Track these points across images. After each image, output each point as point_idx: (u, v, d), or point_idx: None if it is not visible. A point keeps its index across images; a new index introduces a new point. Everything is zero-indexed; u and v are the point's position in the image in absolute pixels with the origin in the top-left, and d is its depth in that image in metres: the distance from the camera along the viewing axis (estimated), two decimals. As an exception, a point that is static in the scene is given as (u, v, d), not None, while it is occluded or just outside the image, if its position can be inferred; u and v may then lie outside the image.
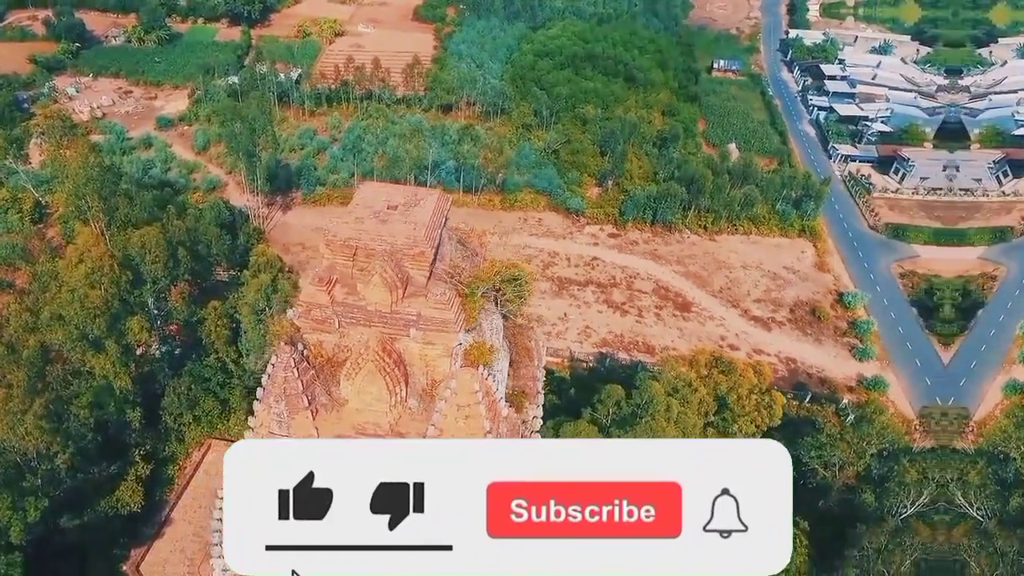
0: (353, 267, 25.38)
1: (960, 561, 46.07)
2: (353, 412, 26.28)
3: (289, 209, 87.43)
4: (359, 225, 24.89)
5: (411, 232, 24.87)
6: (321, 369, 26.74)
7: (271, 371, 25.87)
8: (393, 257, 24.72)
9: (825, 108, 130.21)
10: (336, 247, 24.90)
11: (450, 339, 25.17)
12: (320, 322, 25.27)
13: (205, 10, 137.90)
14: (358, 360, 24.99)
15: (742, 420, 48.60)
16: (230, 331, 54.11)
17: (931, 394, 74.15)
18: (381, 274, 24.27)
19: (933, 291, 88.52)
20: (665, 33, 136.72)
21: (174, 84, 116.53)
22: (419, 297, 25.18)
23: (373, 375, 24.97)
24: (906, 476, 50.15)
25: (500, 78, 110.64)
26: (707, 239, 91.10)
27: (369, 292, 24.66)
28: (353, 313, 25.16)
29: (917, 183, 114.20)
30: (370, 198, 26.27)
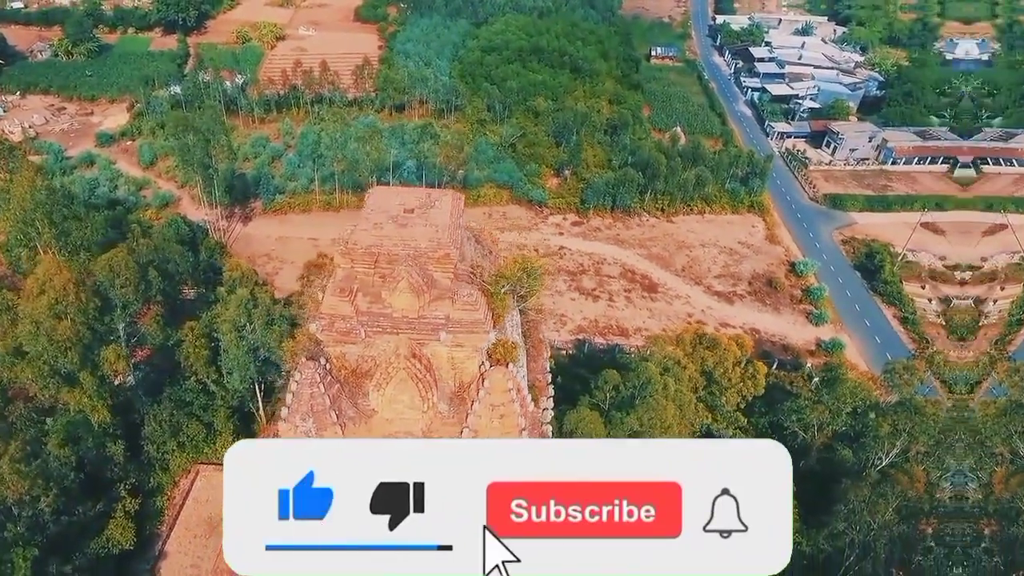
0: (375, 274, 24.12)
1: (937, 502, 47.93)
2: (383, 423, 25.04)
3: (249, 220, 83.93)
4: (379, 231, 23.62)
5: (433, 234, 23.76)
6: (346, 382, 25.37)
7: (294, 389, 24.34)
8: (417, 261, 23.57)
9: (758, 89, 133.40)
10: (357, 255, 23.56)
11: (480, 340, 24.19)
12: (344, 333, 23.90)
13: (135, 19, 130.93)
14: (388, 369, 23.77)
15: (729, 392, 49.15)
16: (209, 351, 51.19)
17: (882, 351, 77.16)
18: (407, 279, 23.09)
19: (873, 255, 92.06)
20: (603, 24, 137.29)
21: (110, 98, 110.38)
22: (445, 300, 24.09)
23: (404, 383, 23.80)
24: (880, 430, 51.49)
25: (449, 75, 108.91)
26: (665, 221, 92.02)
27: (395, 298, 23.44)
28: (379, 321, 23.89)
29: (847, 154, 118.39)
30: (384, 203, 24.98)
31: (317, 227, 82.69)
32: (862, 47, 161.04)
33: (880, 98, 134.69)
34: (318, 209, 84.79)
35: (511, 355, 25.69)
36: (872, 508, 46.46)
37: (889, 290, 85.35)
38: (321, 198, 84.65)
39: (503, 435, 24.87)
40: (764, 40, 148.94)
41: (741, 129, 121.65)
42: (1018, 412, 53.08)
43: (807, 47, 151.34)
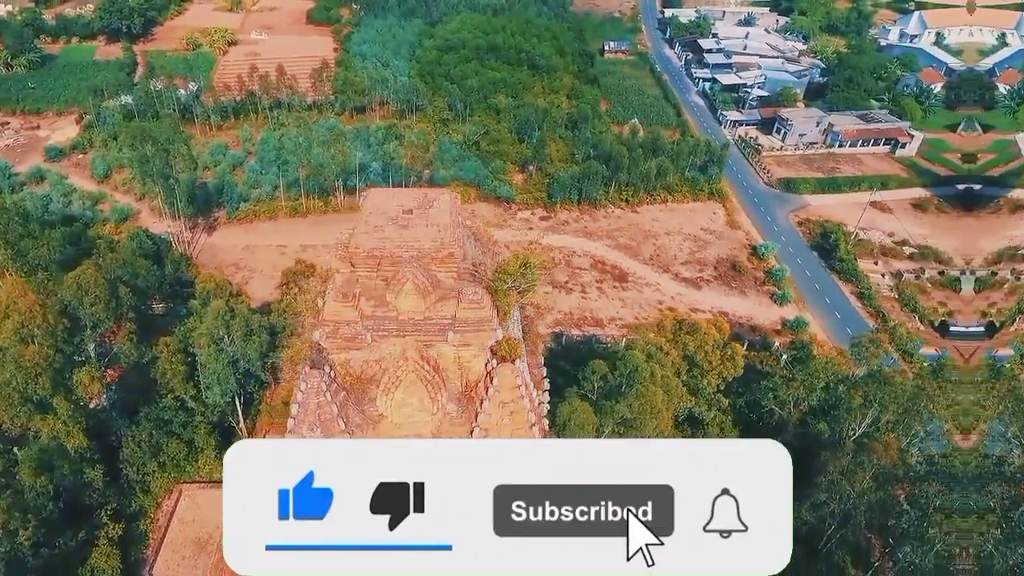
0: (377, 277, 23.48)
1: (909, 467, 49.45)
2: (392, 427, 24.45)
3: (214, 230, 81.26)
4: (380, 234, 23.00)
5: (436, 234, 23.25)
6: (351, 389, 24.70)
7: (300, 399, 23.55)
8: (421, 262, 23.03)
9: (709, 79, 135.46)
10: (359, 259, 22.90)
11: (487, 337, 23.83)
12: (349, 339, 23.23)
13: (78, 28, 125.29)
14: (396, 372, 23.19)
15: (710, 375, 49.78)
16: (186, 366, 49.35)
17: (842, 326, 79.39)
18: (412, 280, 22.53)
19: (827, 235, 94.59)
20: (556, 20, 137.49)
21: (57, 110, 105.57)
22: (450, 300, 23.63)
23: (414, 385, 23.27)
24: (852, 402, 52.75)
25: (408, 76, 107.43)
26: (630, 211, 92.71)
27: (400, 301, 22.87)
28: (385, 325, 23.29)
29: (796, 140, 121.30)
30: (381, 205, 24.35)
31: (285, 234, 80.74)
32: (803, 36, 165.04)
33: (824, 84, 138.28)
34: (284, 216, 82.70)
35: (516, 351, 25.39)
36: (851, 477, 47.61)
37: (844, 268, 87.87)
38: (287, 204, 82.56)
39: (514, 431, 24.60)
40: (711, 32, 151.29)
41: (695, 119, 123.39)
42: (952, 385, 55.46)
43: (752, 37, 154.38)
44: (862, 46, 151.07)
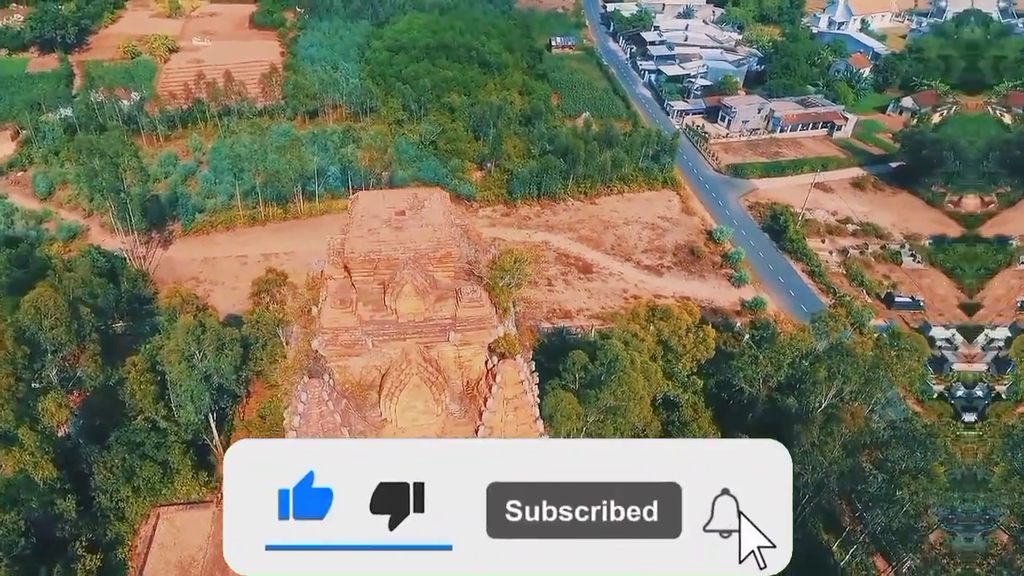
0: (373, 281, 22.84)
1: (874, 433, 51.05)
2: (396, 431, 23.87)
3: (170, 244, 78.10)
4: (375, 237, 22.35)
5: (431, 234, 22.74)
6: (352, 396, 24.00)
7: (301, 410, 22.73)
8: (418, 263, 22.49)
9: (653, 71, 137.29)
10: (356, 264, 22.20)
11: (487, 336, 23.48)
12: (349, 346, 22.53)
13: (7, 39, 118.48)
14: (400, 376, 22.60)
15: (684, 358, 50.45)
16: (156, 386, 47.26)
17: (797, 303, 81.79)
18: (411, 282, 21.98)
19: (776, 216, 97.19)
20: (503, 17, 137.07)
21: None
22: (448, 300, 23.16)
23: (418, 388, 22.73)
24: (818, 375, 54.19)
25: (359, 77, 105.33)
26: (589, 204, 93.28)
27: (400, 303, 22.29)
28: (385, 329, 22.68)
29: (740, 126, 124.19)
30: (372, 208, 23.68)
31: (244, 244, 78.32)
32: (739, 26, 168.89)
33: (762, 72, 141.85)
34: (242, 225, 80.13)
35: (515, 347, 25.13)
36: (822, 448, 48.92)
37: (795, 247, 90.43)
38: (244, 213, 80.00)
39: (518, 427, 24.34)
40: (653, 25, 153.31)
41: (644, 110, 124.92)
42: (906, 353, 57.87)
43: (691, 29, 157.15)
44: (795, 34, 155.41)
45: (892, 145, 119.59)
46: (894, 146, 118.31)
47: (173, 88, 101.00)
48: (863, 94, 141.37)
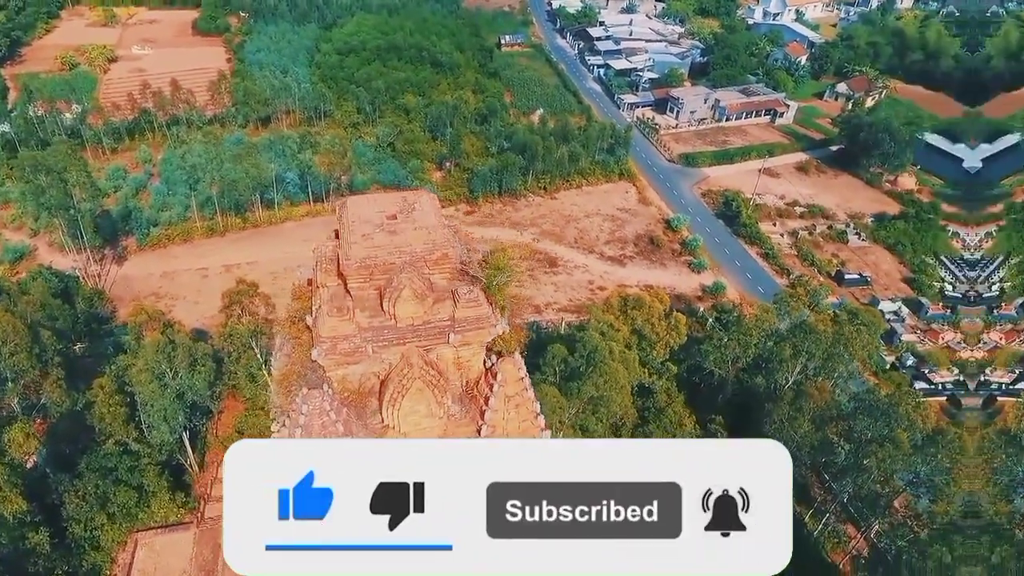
0: (369, 287, 22.32)
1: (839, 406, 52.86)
2: (398, 437, 23.41)
3: (124, 260, 74.77)
4: (371, 242, 21.80)
5: (426, 236, 22.34)
6: (352, 404, 23.43)
7: (303, 422, 22.01)
8: (414, 266, 22.08)
9: (602, 66, 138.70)
10: (352, 270, 21.62)
11: (486, 335, 23.15)
12: (349, 354, 21.93)
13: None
14: (401, 381, 22.11)
15: (658, 346, 51.15)
16: (125, 407, 45.31)
17: (754, 285, 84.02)
18: (410, 286, 21.56)
19: (729, 203, 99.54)
20: (451, 16, 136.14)
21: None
22: (445, 301, 22.78)
23: (420, 392, 22.27)
24: (784, 353, 55.69)
25: (310, 82, 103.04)
26: (549, 199, 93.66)
27: (400, 308, 21.80)
28: (384, 335, 22.16)
29: (689, 117, 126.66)
30: (363, 213, 23.10)
31: (204, 256, 75.80)
32: (680, 19, 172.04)
33: (705, 63, 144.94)
34: (201, 237, 77.49)
35: (511, 344, 25.01)
36: (792, 423, 50.30)
37: (748, 232, 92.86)
38: (202, 225, 77.40)
39: (520, 424, 24.18)
40: (598, 20, 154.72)
41: (595, 104, 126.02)
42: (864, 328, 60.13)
43: (635, 23, 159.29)
44: (734, 26, 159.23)
45: (831, 130, 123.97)
46: (833, 130, 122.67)
47: (116, 99, 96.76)
48: (801, 82, 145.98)
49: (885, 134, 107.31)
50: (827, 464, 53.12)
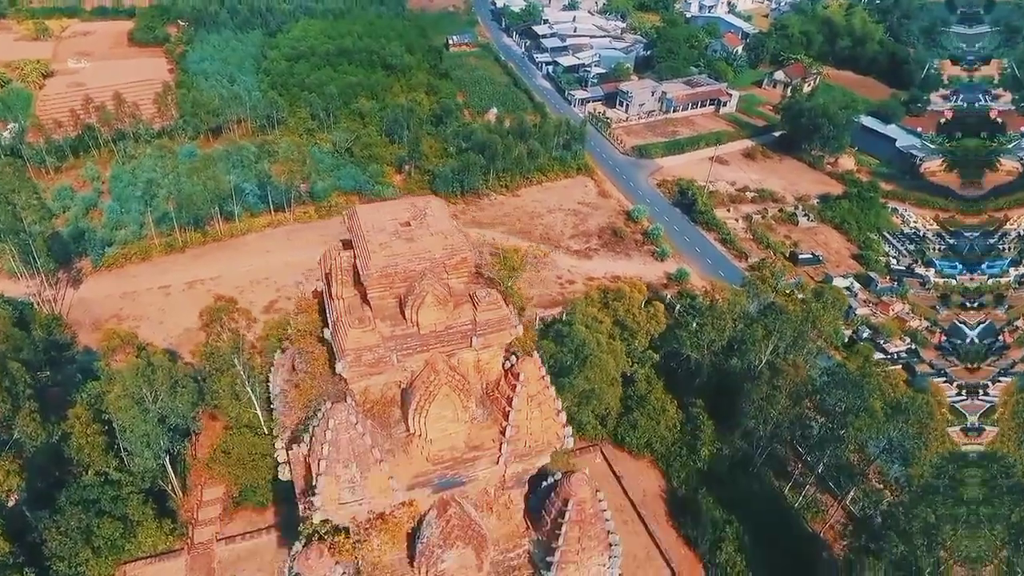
0: (389, 295, 21.82)
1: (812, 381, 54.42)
2: (424, 444, 22.99)
3: (80, 283, 70.94)
4: (389, 250, 21.25)
5: (444, 241, 21.94)
6: (375, 415, 22.91)
7: (330, 437, 21.36)
8: (434, 272, 21.69)
9: (550, 63, 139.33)
10: (374, 280, 21.05)
11: (507, 337, 22.91)
12: (373, 365, 21.38)
13: None
14: (428, 387, 21.67)
15: (640, 335, 51.74)
16: (104, 436, 43.16)
17: (715, 269, 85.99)
18: (432, 292, 21.16)
19: (684, 191, 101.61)
20: (398, 19, 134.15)
21: None
22: (465, 305, 22.47)
23: (447, 397, 21.88)
24: (756, 335, 57.12)
25: (260, 89, 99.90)
26: (511, 196, 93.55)
27: (423, 315, 21.37)
28: (408, 343, 21.71)
29: (638, 109, 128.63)
30: (376, 221, 22.49)
31: (164, 273, 72.70)
32: (621, 14, 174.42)
33: (649, 57, 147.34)
34: (159, 254, 74.25)
35: (528, 344, 24.89)
36: (771, 401, 51.64)
37: (705, 218, 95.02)
38: (160, 241, 74.18)
39: (543, 423, 24.10)
40: (543, 18, 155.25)
41: (546, 101, 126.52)
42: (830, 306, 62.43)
43: (579, 20, 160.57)
44: (674, 19, 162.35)
45: (773, 116, 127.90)
46: (775, 117, 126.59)
47: (56, 115, 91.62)
48: (740, 71, 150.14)
49: (824, 118, 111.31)
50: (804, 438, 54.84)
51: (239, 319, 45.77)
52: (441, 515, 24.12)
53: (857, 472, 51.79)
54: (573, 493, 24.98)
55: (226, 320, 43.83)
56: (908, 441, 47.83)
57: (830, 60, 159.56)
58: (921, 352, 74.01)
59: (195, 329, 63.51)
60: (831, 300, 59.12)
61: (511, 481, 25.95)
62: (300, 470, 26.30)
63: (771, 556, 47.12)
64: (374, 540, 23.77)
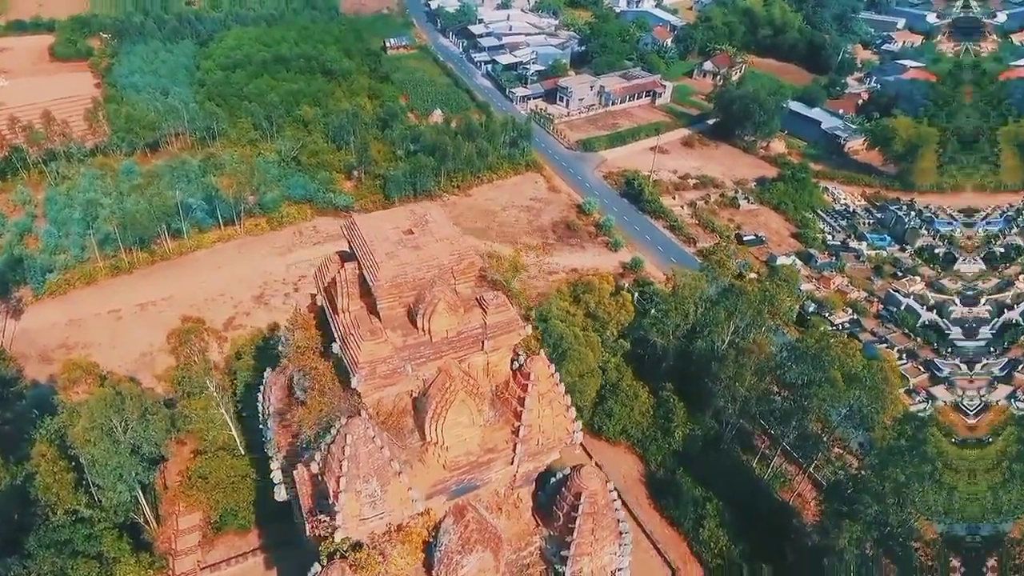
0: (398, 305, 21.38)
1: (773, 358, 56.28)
2: (440, 451, 22.69)
3: (21, 313, 66.34)
4: (397, 260, 20.82)
5: (451, 247, 21.71)
6: (389, 427, 22.43)
7: (348, 453, 20.82)
8: (443, 278, 21.38)
9: (488, 62, 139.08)
10: (384, 290, 20.58)
11: (515, 338, 22.90)
12: (388, 376, 20.94)
13: None
14: (444, 394, 21.42)
15: (610, 325, 52.38)
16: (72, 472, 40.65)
17: (666, 256, 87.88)
18: (444, 299, 20.86)
19: (630, 182, 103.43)
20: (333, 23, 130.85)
21: None
22: (473, 310, 22.28)
23: (464, 403, 21.70)
24: (718, 317, 58.64)
25: (195, 101, 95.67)
26: (464, 196, 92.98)
27: (435, 322, 21.07)
28: (421, 351, 21.36)
29: (578, 104, 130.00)
30: (378, 231, 22.01)
31: (112, 297, 68.91)
32: (553, 11, 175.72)
33: (584, 52, 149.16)
34: (105, 277, 70.27)
35: (531, 343, 24.88)
36: (738, 378, 53.11)
37: (652, 207, 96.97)
38: (105, 264, 70.17)
39: (554, 420, 24.21)
40: (478, 18, 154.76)
41: (488, 100, 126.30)
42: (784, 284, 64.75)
43: (512, 18, 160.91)
44: (605, 15, 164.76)
45: (706, 105, 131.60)
46: (708, 105, 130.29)
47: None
48: (671, 63, 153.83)
49: (755, 105, 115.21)
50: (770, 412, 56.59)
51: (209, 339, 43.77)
52: (458, 521, 23.90)
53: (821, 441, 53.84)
54: (585, 486, 25.21)
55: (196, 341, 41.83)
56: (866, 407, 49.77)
57: (753, 49, 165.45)
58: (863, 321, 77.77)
59: (153, 352, 60.60)
60: (784, 277, 61.21)
61: (521, 480, 25.98)
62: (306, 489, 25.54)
63: (747, 527, 48.54)
64: (394, 552, 23.34)
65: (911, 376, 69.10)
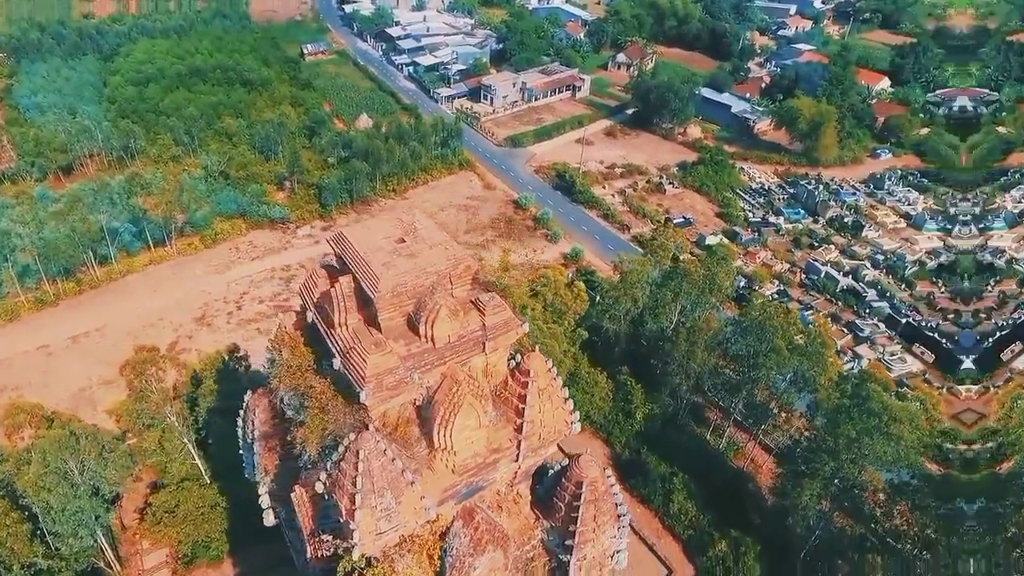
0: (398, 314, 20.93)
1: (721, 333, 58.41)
2: (448, 456, 22.43)
3: (-56, 354, 60.55)
4: (395, 270, 20.35)
5: (447, 253, 21.42)
6: (396, 438, 21.95)
7: (361, 469, 20.23)
8: (441, 284, 21.08)
9: (409, 64, 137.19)
10: (385, 300, 20.08)
11: (514, 337, 22.89)
12: (394, 387, 20.47)
13: None
14: (451, 400, 21.16)
15: (568, 315, 53.04)
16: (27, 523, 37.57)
17: (604, 244, 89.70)
18: (445, 305, 20.59)
19: (561, 175, 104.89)
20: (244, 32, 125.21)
21: None
22: (472, 312, 22.09)
23: (470, 407, 21.50)
24: (666, 298, 60.34)
25: (107, 119, 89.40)
26: (400, 199, 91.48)
27: (438, 328, 20.75)
28: (425, 359, 21.01)
29: (503, 101, 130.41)
30: (370, 242, 21.43)
31: (38, 331, 63.74)
32: (468, 11, 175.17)
33: (502, 50, 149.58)
34: (29, 312, 64.87)
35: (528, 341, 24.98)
36: (691, 356, 54.92)
37: (585, 198, 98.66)
38: (27, 298, 64.78)
39: (554, 414, 24.39)
40: (395, 20, 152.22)
41: (414, 101, 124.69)
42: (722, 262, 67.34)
43: (429, 19, 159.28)
44: (520, 13, 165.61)
45: (624, 96, 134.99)
46: (625, 96, 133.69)
47: None
48: (586, 56, 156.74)
49: (670, 93, 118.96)
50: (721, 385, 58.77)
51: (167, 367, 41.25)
52: (468, 523, 23.76)
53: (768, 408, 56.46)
54: (585, 475, 25.54)
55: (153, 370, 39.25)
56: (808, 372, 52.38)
57: (661, 40, 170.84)
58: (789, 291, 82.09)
59: (92, 387, 56.64)
60: (722, 256, 63.67)
61: (521, 476, 26.08)
62: (307, 510, 24.76)
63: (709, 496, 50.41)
64: (407, 562, 22.95)
65: (837, 339, 73.57)
